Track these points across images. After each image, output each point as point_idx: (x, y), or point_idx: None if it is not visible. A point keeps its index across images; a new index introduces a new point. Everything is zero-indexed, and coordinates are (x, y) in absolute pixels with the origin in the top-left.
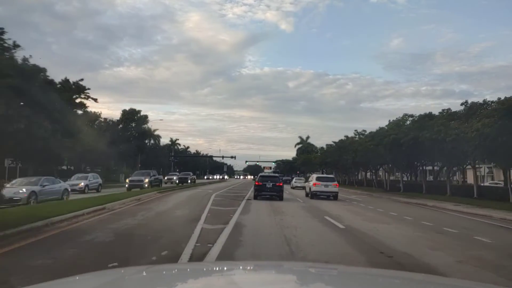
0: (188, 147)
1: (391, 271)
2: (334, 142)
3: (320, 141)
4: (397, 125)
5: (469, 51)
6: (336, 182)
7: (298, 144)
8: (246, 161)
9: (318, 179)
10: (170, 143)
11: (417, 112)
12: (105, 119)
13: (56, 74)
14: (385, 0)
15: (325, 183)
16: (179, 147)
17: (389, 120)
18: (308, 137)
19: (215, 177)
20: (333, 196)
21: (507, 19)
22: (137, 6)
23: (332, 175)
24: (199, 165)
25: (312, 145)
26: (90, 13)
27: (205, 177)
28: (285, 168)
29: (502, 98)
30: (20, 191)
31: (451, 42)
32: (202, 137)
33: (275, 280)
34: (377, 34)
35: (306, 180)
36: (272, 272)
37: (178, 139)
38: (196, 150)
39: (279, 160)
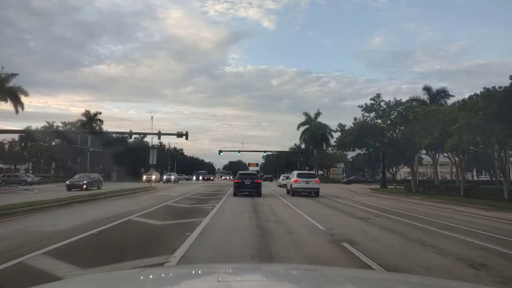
0: (145, 135)
1: (383, 272)
2: None
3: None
4: None
5: (448, 50)
6: (317, 179)
7: (302, 124)
8: (220, 151)
9: (299, 175)
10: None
11: None
12: None
13: (35, 72)
14: None
15: (306, 179)
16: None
17: None
18: (318, 114)
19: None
20: (315, 193)
21: (485, 17)
22: (117, 2)
23: (313, 171)
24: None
25: (326, 125)
26: (68, 9)
27: (144, 177)
28: (279, 164)
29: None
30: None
31: (431, 40)
32: None
33: (270, 283)
34: (358, 32)
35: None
36: (262, 276)
37: (100, 113)
38: (158, 144)
39: (277, 151)
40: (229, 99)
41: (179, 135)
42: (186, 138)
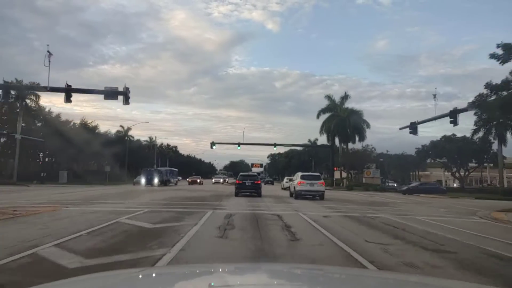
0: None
1: (384, 272)
2: None
3: (306, 141)
4: None
5: (453, 54)
6: (322, 181)
7: (323, 111)
8: (213, 143)
9: (302, 177)
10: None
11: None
12: None
13: (39, 71)
14: (370, 2)
15: (310, 181)
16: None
17: None
18: (345, 97)
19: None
20: (319, 196)
21: (490, 22)
22: (121, 3)
23: (318, 173)
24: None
25: (358, 112)
26: (73, 9)
27: None
28: (289, 164)
29: None
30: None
31: (436, 44)
32: (189, 136)
33: (271, 283)
34: (362, 36)
35: None
36: (262, 276)
37: (38, 83)
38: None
39: (291, 144)
40: (232, 100)
41: (109, 93)
42: (126, 102)
